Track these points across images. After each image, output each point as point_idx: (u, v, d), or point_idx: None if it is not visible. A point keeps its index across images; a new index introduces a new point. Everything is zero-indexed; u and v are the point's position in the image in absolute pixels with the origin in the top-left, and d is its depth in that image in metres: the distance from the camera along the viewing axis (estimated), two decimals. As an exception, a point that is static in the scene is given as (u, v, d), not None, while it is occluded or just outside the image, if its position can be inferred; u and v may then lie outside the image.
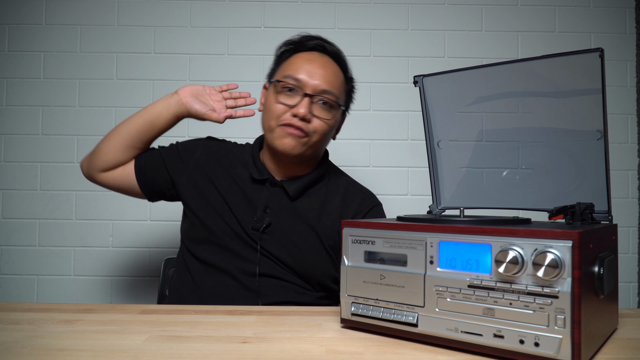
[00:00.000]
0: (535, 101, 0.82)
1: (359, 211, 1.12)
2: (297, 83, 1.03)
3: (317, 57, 1.07)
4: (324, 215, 1.09)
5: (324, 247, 1.07)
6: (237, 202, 1.08)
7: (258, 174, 1.09)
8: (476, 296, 0.59)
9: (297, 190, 1.08)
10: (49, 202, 1.76)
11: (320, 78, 1.04)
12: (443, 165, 0.90)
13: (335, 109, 1.07)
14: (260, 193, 1.08)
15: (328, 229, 1.07)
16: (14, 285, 1.75)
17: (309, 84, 1.03)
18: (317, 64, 1.06)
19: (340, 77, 1.10)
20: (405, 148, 1.80)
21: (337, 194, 1.13)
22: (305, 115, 1.02)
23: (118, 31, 1.80)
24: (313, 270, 1.05)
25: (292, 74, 1.04)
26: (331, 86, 1.05)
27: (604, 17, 1.82)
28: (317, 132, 1.05)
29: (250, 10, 1.81)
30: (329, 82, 1.05)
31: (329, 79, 1.05)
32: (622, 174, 1.79)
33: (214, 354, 0.58)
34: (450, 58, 1.81)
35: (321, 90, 1.04)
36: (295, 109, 1.02)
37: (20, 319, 0.74)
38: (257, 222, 1.05)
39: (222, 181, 1.10)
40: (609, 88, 1.74)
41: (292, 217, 1.07)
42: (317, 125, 1.04)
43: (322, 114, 1.05)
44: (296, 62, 1.06)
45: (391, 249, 0.67)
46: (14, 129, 1.78)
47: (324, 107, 1.05)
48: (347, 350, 0.61)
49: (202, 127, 1.81)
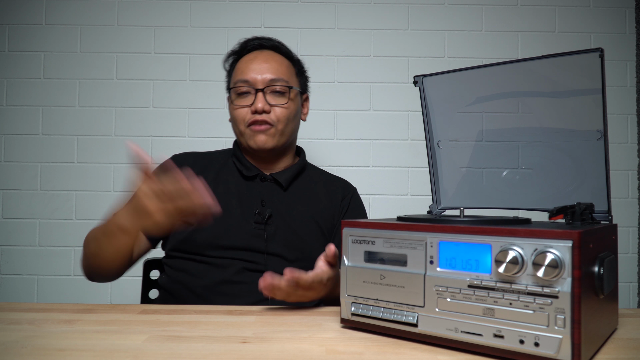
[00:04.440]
0: (535, 101, 0.82)
1: (345, 195, 1.23)
2: (247, 84, 1.12)
3: (258, 54, 1.16)
4: (315, 201, 1.17)
5: (322, 231, 1.14)
6: (236, 203, 1.11)
7: (248, 171, 1.15)
8: (476, 296, 0.59)
9: (288, 179, 1.16)
10: (49, 202, 1.76)
11: (265, 70, 1.12)
12: (443, 165, 0.90)
13: (288, 93, 1.14)
14: (252, 189, 1.14)
15: (322, 212, 1.16)
16: (14, 285, 1.75)
17: (257, 80, 1.11)
18: (259, 59, 1.14)
19: (285, 63, 1.17)
20: (405, 148, 1.80)
21: (320, 182, 1.22)
22: (264, 107, 1.10)
23: (118, 31, 1.80)
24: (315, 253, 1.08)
25: (240, 78, 1.13)
26: (277, 73, 1.13)
27: (604, 17, 1.82)
28: (280, 119, 1.12)
29: (250, 10, 1.81)
30: (274, 71, 1.13)
31: (274, 68, 1.13)
32: (622, 174, 1.79)
33: (214, 354, 0.58)
34: (450, 58, 1.81)
35: (269, 81, 1.12)
36: (253, 107, 1.11)
37: (20, 319, 0.74)
38: (259, 215, 1.09)
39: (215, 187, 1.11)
40: (609, 88, 1.74)
41: (287, 207, 1.13)
42: (278, 113, 1.12)
43: (277, 101, 1.13)
44: (241, 67, 1.15)
45: (391, 249, 0.67)
46: (14, 129, 1.78)
47: (277, 94, 1.13)
48: (347, 350, 0.61)
49: (202, 129, 1.82)
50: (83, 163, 1.77)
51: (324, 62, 1.81)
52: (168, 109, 1.79)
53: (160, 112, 1.79)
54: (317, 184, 1.22)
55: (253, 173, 1.15)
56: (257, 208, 1.10)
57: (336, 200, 1.20)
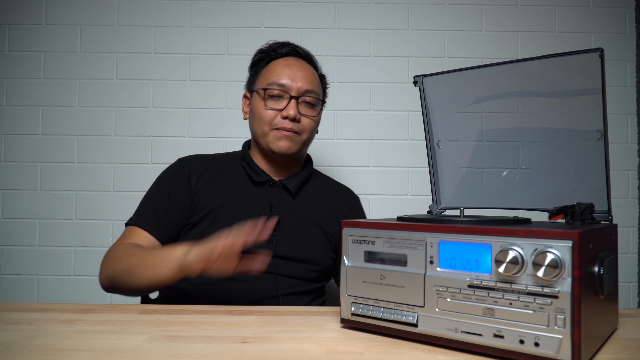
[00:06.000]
0: (535, 101, 0.82)
1: (350, 204, 1.26)
2: (282, 88, 1.12)
3: (294, 62, 1.16)
4: (322, 207, 1.19)
5: (327, 237, 1.17)
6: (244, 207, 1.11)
7: (258, 177, 1.15)
8: (476, 296, 0.59)
9: (297, 186, 1.17)
10: (49, 202, 1.76)
11: (301, 80, 1.13)
12: (443, 165, 0.90)
13: (318, 105, 1.17)
14: (260, 195, 1.14)
15: (328, 219, 1.18)
16: (14, 285, 1.75)
17: (292, 87, 1.12)
18: (296, 67, 1.15)
19: (316, 76, 1.20)
20: (405, 148, 1.80)
21: (326, 189, 1.24)
22: (296, 115, 1.11)
23: (118, 31, 1.80)
24: (321, 258, 1.14)
25: (275, 80, 1.12)
26: (311, 85, 1.15)
27: (603, 17, 1.82)
28: (306, 129, 1.14)
29: (250, 10, 1.81)
30: (309, 82, 1.14)
31: (309, 79, 1.15)
32: (622, 174, 1.79)
33: (214, 354, 0.58)
34: (450, 58, 1.81)
35: (305, 91, 1.13)
36: (284, 112, 1.11)
37: (20, 319, 0.74)
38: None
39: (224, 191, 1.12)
40: (609, 88, 1.74)
41: (295, 212, 1.14)
42: (305, 124, 1.14)
43: (308, 111, 1.14)
44: (276, 69, 1.14)
45: (391, 249, 0.67)
46: (14, 129, 1.78)
47: (308, 105, 1.15)
48: (347, 350, 0.61)
49: (202, 129, 1.82)
50: (83, 163, 1.77)
51: (324, 62, 1.80)
52: (168, 109, 1.79)
53: (160, 112, 1.79)
54: (323, 191, 1.23)
55: (263, 179, 1.15)
56: (266, 213, 1.11)
57: (342, 208, 1.23)
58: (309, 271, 1.12)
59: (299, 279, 1.10)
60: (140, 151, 1.77)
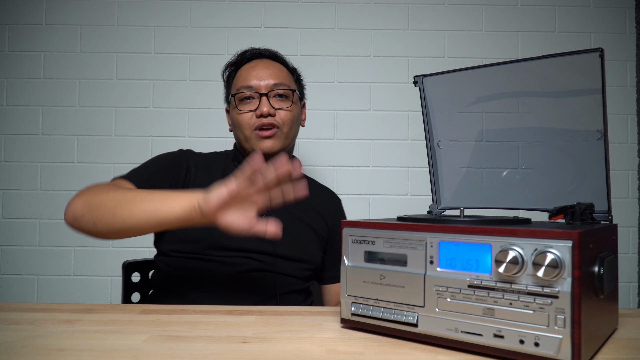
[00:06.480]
0: (535, 101, 0.82)
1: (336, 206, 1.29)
2: (250, 89, 1.14)
3: (258, 62, 1.19)
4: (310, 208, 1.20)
5: (317, 237, 1.19)
6: None
7: None
8: (476, 296, 0.59)
9: None
10: (49, 202, 1.76)
11: (268, 77, 1.15)
12: (443, 165, 0.90)
13: (290, 97, 1.17)
14: None
15: (316, 219, 1.20)
16: (14, 285, 1.75)
17: (260, 86, 1.14)
18: (261, 67, 1.17)
19: (284, 70, 1.21)
20: (405, 148, 1.80)
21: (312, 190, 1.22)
22: (269, 111, 1.12)
23: (118, 31, 1.80)
24: (314, 257, 1.17)
25: (243, 84, 1.15)
26: (279, 79, 1.16)
27: (603, 17, 1.82)
28: (285, 122, 1.15)
29: (250, 10, 1.81)
30: (276, 76, 1.16)
31: (275, 74, 1.16)
32: (622, 174, 1.79)
33: (214, 354, 0.58)
34: (450, 58, 1.81)
35: (273, 85, 1.15)
36: (258, 111, 1.13)
37: (20, 319, 0.74)
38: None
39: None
40: (609, 88, 1.74)
41: (289, 213, 1.15)
42: (283, 116, 1.15)
43: (281, 104, 1.16)
44: (242, 74, 1.18)
45: (391, 249, 0.67)
46: (14, 129, 1.78)
47: (280, 98, 1.16)
48: (347, 350, 0.61)
49: (202, 129, 1.82)
50: (83, 163, 1.77)
51: (324, 62, 1.81)
52: (168, 109, 1.79)
53: (160, 112, 1.79)
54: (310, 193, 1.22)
55: None
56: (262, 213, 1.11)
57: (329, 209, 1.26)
58: (304, 270, 1.14)
59: (296, 277, 1.12)
60: (140, 151, 1.77)
